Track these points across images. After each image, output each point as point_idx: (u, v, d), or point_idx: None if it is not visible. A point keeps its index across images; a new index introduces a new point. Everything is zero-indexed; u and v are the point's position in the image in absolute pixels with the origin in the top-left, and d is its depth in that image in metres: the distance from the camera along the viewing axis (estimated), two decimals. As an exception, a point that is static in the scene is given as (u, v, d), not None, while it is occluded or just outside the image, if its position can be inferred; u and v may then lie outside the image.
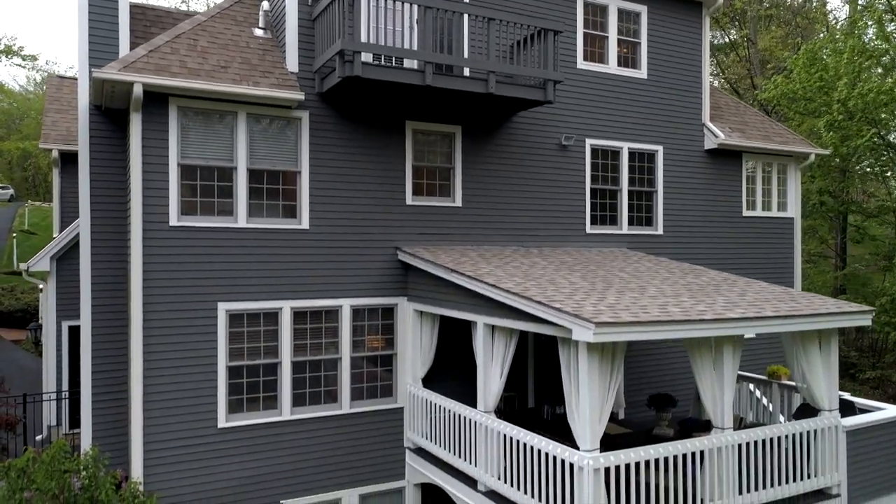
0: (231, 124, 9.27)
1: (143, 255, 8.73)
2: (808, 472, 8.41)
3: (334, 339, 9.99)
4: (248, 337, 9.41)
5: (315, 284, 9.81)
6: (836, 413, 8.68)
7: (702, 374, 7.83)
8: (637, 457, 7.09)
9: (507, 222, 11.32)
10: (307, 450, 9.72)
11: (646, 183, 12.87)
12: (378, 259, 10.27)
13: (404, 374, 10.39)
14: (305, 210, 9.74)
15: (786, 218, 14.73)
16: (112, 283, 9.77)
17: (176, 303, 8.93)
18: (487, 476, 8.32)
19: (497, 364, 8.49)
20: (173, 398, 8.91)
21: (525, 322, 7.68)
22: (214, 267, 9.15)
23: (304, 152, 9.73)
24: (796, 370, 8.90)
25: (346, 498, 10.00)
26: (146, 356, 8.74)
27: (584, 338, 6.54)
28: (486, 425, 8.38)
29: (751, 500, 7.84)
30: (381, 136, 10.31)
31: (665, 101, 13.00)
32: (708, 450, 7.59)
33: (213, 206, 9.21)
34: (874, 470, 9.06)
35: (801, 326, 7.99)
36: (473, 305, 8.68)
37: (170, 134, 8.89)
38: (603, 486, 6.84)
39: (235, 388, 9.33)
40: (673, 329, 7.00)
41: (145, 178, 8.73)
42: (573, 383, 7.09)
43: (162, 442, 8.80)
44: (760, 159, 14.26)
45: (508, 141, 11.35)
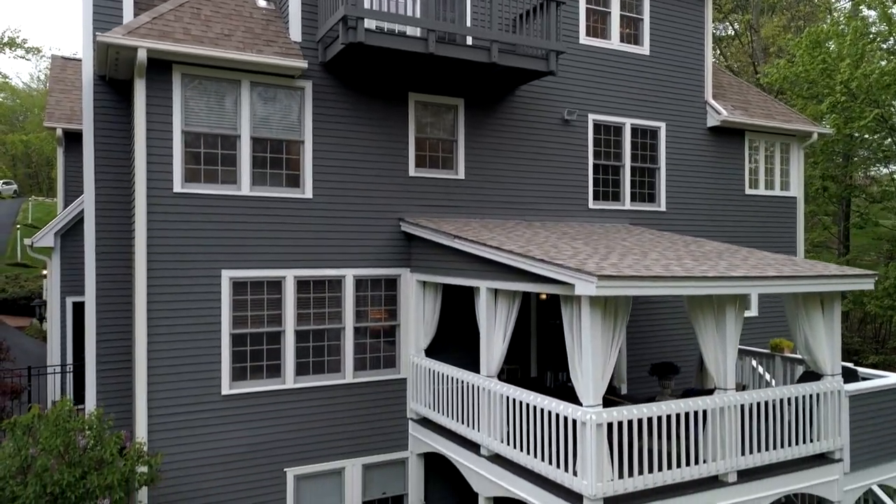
0: (234, 93, 9.30)
1: (147, 222, 8.76)
2: (810, 436, 8.43)
3: (337, 309, 10.02)
4: (251, 305, 9.44)
5: (318, 254, 9.84)
6: (839, 378, 8.69)
7: (704, 336, 7.84)
8: (640, 413, 7.11)
9: (510, 196, 11.34)
10: (311, 418, 9.75)
11: (648, 159, 12.88)
12: (381, 230, 10.30)
13: (407, 345, 10.41)
14: (308, 179, 9.76)
15: (789, 197, 14.73)
16: (116, 252, 9.82)
17: (180, 270, 8.97)
18: (491, 440, 8.35)
19: (500, 328, 8.51)
20: (177, 364, 8.94)
21: (528, 283, 7.70)
22: (218, 234, 9.18)
23: (308, 122, 9.76)
24: (799, 336, 8.90)
25: (349, 467, 10.02)
26: (150, 322, 8.77)
27: (587, 291, 6.56)
28: (489, 389, 8.40)
29: (753, 462, 7.86)
30: (383, 107, 10.34)
31: (667, 78, 13.01)
32: (710, 409, 7.60)
33: (216, 173, 9.24)
34: (877, 436, 9.06)
35: (804, 288, 8.00)
36: (476, 271, 8.70)
37: (173, 101, 8.92)
38: (606, 442, 6.86)
39: (239, 356, 9.36)
40: (675, 285, 7.01)
41: (149, 145, 8.76)
42: (576, 341, 7.11)
43: (166, 408, 8.84)
44: (763, 138, 14.26)
45: (511, 114, 11.37)
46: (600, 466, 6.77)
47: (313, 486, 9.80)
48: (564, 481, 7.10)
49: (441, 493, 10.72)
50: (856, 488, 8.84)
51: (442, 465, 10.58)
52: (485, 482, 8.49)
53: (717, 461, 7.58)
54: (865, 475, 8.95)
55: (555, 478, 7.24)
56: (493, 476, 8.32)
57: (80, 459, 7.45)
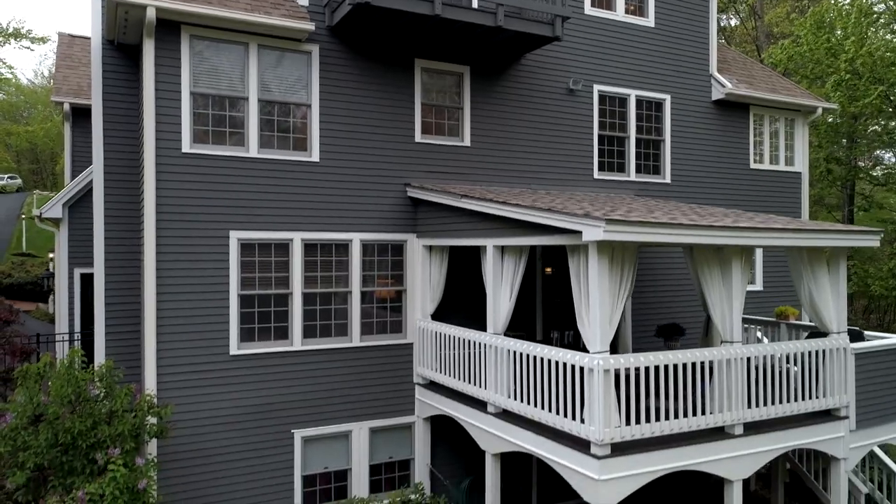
0: (242, 55, 9.36)
1: (157, 181, 8.82)
2: (816, 393, 8.46)
3: (344, 273, 10.08)
4: (259, 267, 9.50)
5: (325, 217, 9.89)
6: (845, 336, 8.72)
7: (710, 290, 7.87)
8: (647, 361, 7.15)
9: (515, 164, 11.38)
10: (318, 381, 9.81)
11: (654, 131, 12.91)
12: (387, 195, 10.35)
13: (413, 310, 10.46)
14: (316, 143, 9.82)
15: (793, 172, 14.75)
16: (125, 216, 9.88)
17: (188, 230, 9.03)
18: (498, 396, 8.39)
19: (506, 286, 8.56)
20: (185, 324, 9.00)
21: (534, 236, 7.74)
22: (226, 195, 9.24)
23: (315, 86, 9.81)
24: (804, 295, 8.93)
25: (356, 431, 10.08)
26: (159, 282, 8.83)
27: (594, 236, 6.59)
28: (496, 346, 8.45)
29: (759, 415, 7.90)
30: (390, 72, 10.39)
31: (672, 51, 13.04)
32: (717, 361, 7.64)
33: (224, 135, 9.30)
34: (883, 395, 9.09)
35: (809, 241, 8.02)
36: (483, 229, 8.75)
37: (182, 62, 8.98)
38: (613, 389, 6.90)
39: (247, 317, 9.42)
40: (682, 232, 7.04)
41: (158, 105, 8.83)
42: (583, 291, 7.15)
43: (175, 366, 8.90)
44: (768, 112, 14.28)
45: (517, 83, 11.41)
46: (607, 413, 6.81)
47: (320, 448, 9.86)
48: (572, 430, 7.15)
49: (447, 458, 10.76)
50: (861, 446, 8.87)
51: (448, 430, 10.63)
52: (492, 439, 8.54)
53: (724, 413, 7.62)
54: (871, 434, 8.98)
55: (562, 427, 7.29)
56: (500, 432, 8.37)
57: (92, 410, 7.52)
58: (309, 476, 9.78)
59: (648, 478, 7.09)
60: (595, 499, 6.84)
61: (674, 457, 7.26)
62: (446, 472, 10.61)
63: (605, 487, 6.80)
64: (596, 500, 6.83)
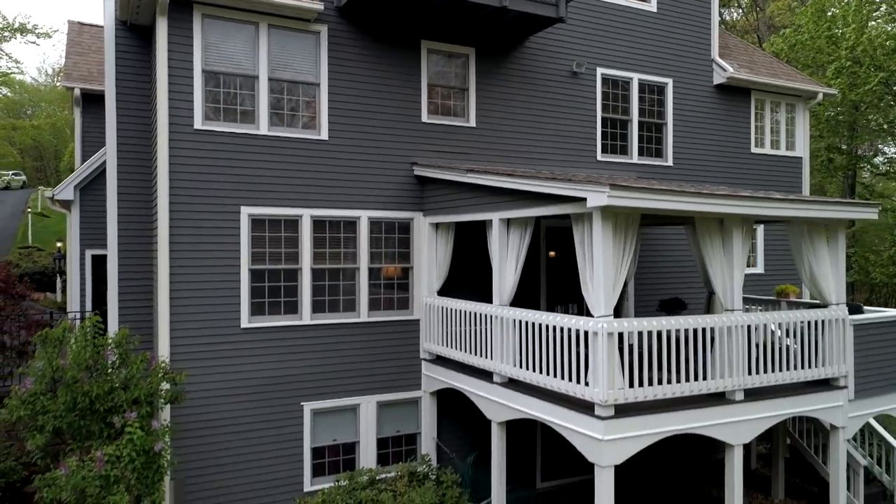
0: (253, 34, 9.55)
1: (170, 157, 9.01)
2: (815, 362, 8.63)
3: (353, 250, 10.27)
4: (269, 242, 9.69)
5: (334, 195, 10.08)
6: (843, 307, 8.90)
7: (712, 259, 8.05)
8: (650, 326, 7.33)
9: (520, 145, 11.57)
10: (326, 355, 10.00)
11: (656, 115, 13.09)
12: (395, 174, 10.54)
13: (420, 286, 10.65)
14: (324, 121, 10.01)
15: (794, 157, 14.91)
16: (137, 195, 10.11)
17: (200, 205, 9.22)
18: (504, 366, 8.58)
19: (512, 258, 8.74)
20: (198, 297, 9.20)
21: (539, 206, 7.92)
22: (237, 171, 9.43)
23: (323, 65, 10.00)
24: (804, 268, 9.11)
25: (364, 404, 10.27)
26: (172, 256, 9.02)
27: (598, 202, 6.77)
28: (502, 316, 8.63)
29: (759, 381, 8.08)
30: (397, 53, 10.57)
31: (674, 35, 13.21)
32: (718, 328, 7.82)
33: (235, 113, 9.50)
34: (881, 366, 9.27)
35: (808, 212, 8.20)
36: (489, 203, 8.94)
37: (194, 41, 9.17)
38: (616, 352, 7.09)
39: (258, 291, 9.62)
40: (683, 199, 7.22)
41: (171, 82, 9.02)
42: (587, 257, 7.33)
43: (187, 338, 9.09)
44: (769, 97, 14.44)
45: (522, 65, 11.60)
46: (611, 375, 7.00)
47: (329, 420, 10.05)
48: (577, 393, 7.33)
49: (452, 434, 10.95)
50: (860, 416, 9.05)
51: (453, 406, 10.83)
52: (498, 408, 8.73)
53: (725, 378, 7.80)
54: (869, 404, 9.16)
55: (566, 390, 7.47)
56: (506, 400, 8.55)
57: (109, 375, 7.73)
58: (318, 448, 9.98)
59: (651, 439, 7.27)
60: (599, 459, 7.02)
61: (676, 420, 7.44)
62: (452, 446, 10.81)
63: (608, 447, 6.98)
64: (599, 460, 7.01)
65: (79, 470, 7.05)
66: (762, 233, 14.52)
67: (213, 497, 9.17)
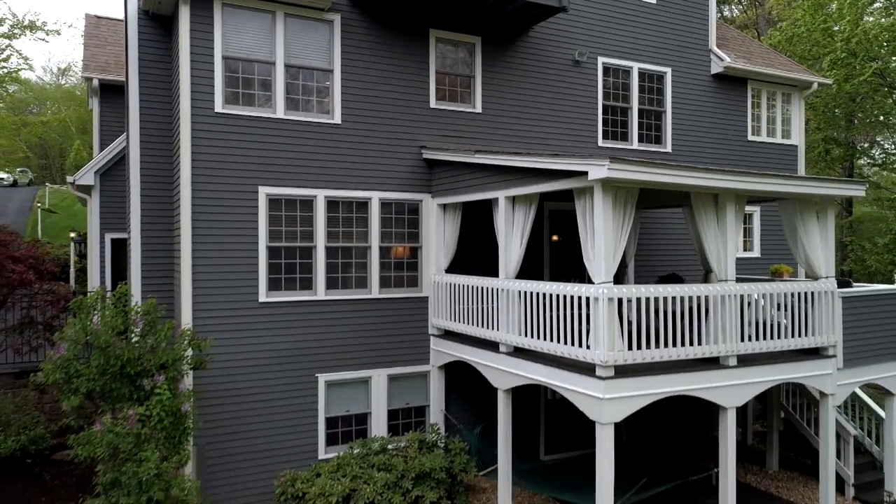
0: (270, 22, 10.02)
1: (192, 139, 9.48)
2: (806, 331, 9.08)
3: (364, 229, 10.74)
4: (285, 221, 10.17)
5: (347, 176, 10.55)
6: (833, 280, 9.35)
7: (707, 232, 8.51)
8: (647, 293, 7.79)
9: (524, 130, 12.03)
10: (340, 329, 10.47)
11: (655, 103, 13.54)
12: (404, 157, 11.00)
13: (428, 265, 11.12)
14: (338, 106, 10.48)
15: (790, 145, 15.36)
16: (158, 177, 10.57)
17: (221, 184, 9.69)
18: (510, 335, 9.04)
19: (517, 234, 9.20)
20: (218, 272, 9.67)
21: (543, 182, 8.38)
22: (255, 153, 9.90)
23: (336, 52, 10.47)
24: (796, 244, 9.55)
25: (375, 377, 10.74)
26: (195, 233, 9.49)
27: (599, 175, 7.23)
28: (507, 288, 9.09)
29: (752, 348, 8.54)
30: (406, 41, 11.04)
31: (673, 25, 13.67)
32: (713, 296, 8.28)
33: (253, 97, 9.97)
34: (868, 337, 9.72)
35: (799, 188, 8.66)
36: (495, 182, 9.39)
37: (215, 28, 9.65)
38: (616, 317, 7.54)
39: (274, 268, 10.09)
40: (680, 174, 7.68)
41: (193, 68, 9.50)
42: (588, 229, 7.79)
43: (209, 311, 9.56)
44: (765, 87, 14.89)
45: (526, 54, 12.06)
46: (611, 338, 7.46)
47: (342, 392, 10.53)
48: (579, 356, 7.79)
49: (459, 408, 11.42)
50: (848, 384, 9.51)
51: (460, 381, 11.30)
52: (504, 376, 9.19)
53: (719, 344, 8.26)
54: (857, 373, 9.62)
55: (569, 354, 7.93)
56: (511, 368, 9.01)
57: (138, 340, 8.20)
58: (332, 418, 10.46)
59: (648, 399, 7.73)
60: (599, 417, 7.48)
61: (672, 382, 7.90)
62: (459, 419, 11.27)
63: (608, 406, 7.45)
64: (600, 418, 7.48)
65: (113, 427, 7.53)
66: (759, 219, 14.97)
67: (231, 463, 9.64)
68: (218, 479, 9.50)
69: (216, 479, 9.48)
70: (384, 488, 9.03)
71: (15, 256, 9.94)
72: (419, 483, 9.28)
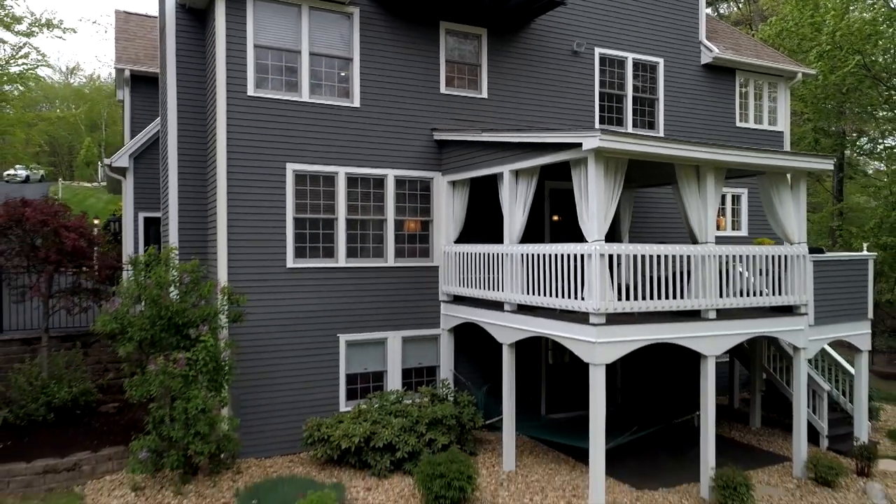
0: (296, 15, 11.08)
1: (227, 120, 10.53)
2: (780, 290, 10.11)
3: (381, 204, 11.79)
4: (310, 195, 11.22)
5: (365, 155, 11.60)
6: (805, 245, 10.37)
7: (689, 200, 9.53)
8: (636, 250, 8.83)
9: (526, 115, 13.07)
10: (359, 294, 11.52)
11: (648, 91, 14.57)
12: (417, 138, 12.05)
13: (439, 237, 12.16)
14: (357, 91, 11.53)
15: (776, 131, 16.36)
16: (192, 157, 11.62)
17: (252, 161, 10.75)
18: (513, 294, 10.07)
19: (520, 204, 10.23)
20: (251, 241, 10.73)
21: (543, 155, 9.42)
22: (283, 132, 10.96)
23: (356, 42, 11.53)
24: (772, 214, 10.55)
25: (391, 338, 11.79)
26: (230, 205, 10.54)
27: (592, 145, 8.26)
28: (511, 252, 10.13)
29: (730, 303, 9.56)
30: (418, 32, 12.09)
31: (666, 18, 14.69)
32: (694, 256, 9.30)
33: (281, 82, 11.02)
34: (836, 298, 10.74)
35: (769, 161, 9.68)
36: (499, 158, 10.43)
37: (247, 20, 10.70)
38: (608, 272, 8.57)
39: (300, 237, 11.14)
40: (665, 147, 8.71)
41: (228, 54, 10.55)
42: (583, 194, 8.82)
43: (242, 275, 10.60)
44: (752, 77, 15.90)
45: (528, 44, 13.10)
46: (602, 290, 8.49)
47: (361, 351, 11.58)
48: (574, 307, 8.82)
49: (467, 369, 12.45)
50: (818, 339, 10.53)
51: (468, 343, 12.34)
52: (508, 331, 10.22)
53: (700, 298, 9.28)
54: (826, 330, 10.64)
55: (566, 306, 8.96)
56: (515, 324, 10.05)
57: (184, 295, 9.27)
58: (351, 374, 11.51)
59: (636, 345, 8.75)
60: (592, 359, 8.51)
61: (657, 331, 8.93)
62: (466, 379, 12.31)
63: (600, 349, 8.48)
64: (593, 360, 8.50)
65: (165, 367, 8.61)
66: (746, 200, 15.97)
67: (260, 413, 10.69)
68: (251, 425, 10.55)
69: (249, 425, 10.52)
70: (401, 431, 10.07)
71: (67, 225, 10.99)
72: (432, 428, 10.32)
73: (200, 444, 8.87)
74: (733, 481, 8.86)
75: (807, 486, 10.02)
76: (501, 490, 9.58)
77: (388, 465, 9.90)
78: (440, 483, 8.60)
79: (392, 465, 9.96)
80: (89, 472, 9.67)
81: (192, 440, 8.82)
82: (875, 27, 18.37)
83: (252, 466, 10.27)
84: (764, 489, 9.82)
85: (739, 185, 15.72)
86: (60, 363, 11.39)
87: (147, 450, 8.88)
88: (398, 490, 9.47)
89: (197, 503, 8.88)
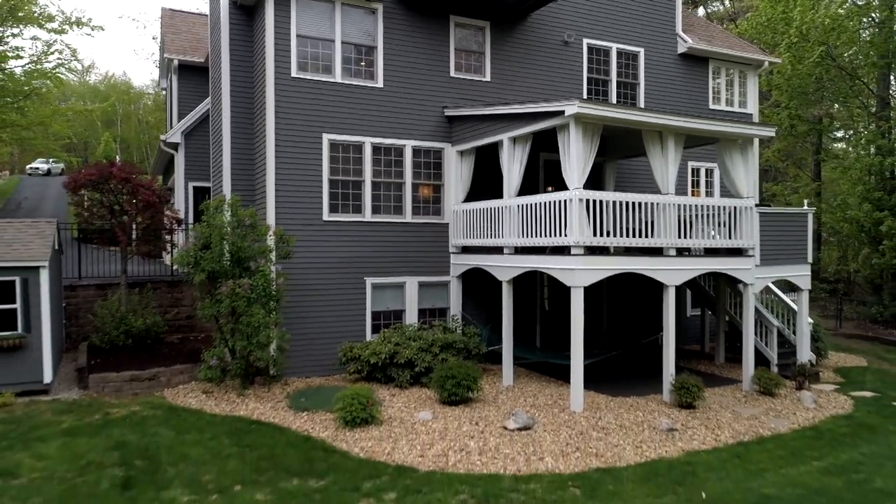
0: (331, 9, 13.30)
1: (275, 97, 12.76)
2: (731, 235, 12.29)
3: (400, 169, 14.00)
4: (342, 161, 13.43)
5: (387, 127, 13.81)
6: (752, 199, 12.55)
7: (654, 160, 11.71)
8: (610, 197, 11.02)
9: (523, 96, 15.25)
10: (382, 244, 13.73)
11: (630, 76, 16.74)
12: (430, 114, 14.25)
13: (449, 198, 14.37)
14: (380, 73, 13.75)
15: (745, 113, 18.52)
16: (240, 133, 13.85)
17: (295, 131, 12.96)
18: (512, 239, 12.26)
19: (517, 165, 12.42)
20: (294, 197, 12.94)
21: (535, 123, 11.60)
22: (320, 108, 13.17)
23: (380, 33, 13.74)
24: (727, 173, 12.71)
25: (409, 283, 14.00)
26: (277, 167, 12.76)
27: (572, 111, 10.45)
28: (509, 204, 12.32)
29: (689, 245, 11.74)
30: (432, 25, 14.29)
31: (646, 12, 16.86)
32: (658, 203, 11.48)
33: (318, 66, 13.25)
34: (778, 245, 12.91)
35: (719, 128, 11.87)
36: (500, 127, 12.62)
37: (291, 14, 12.92)
38: (585, 214, 10.76)
39: (334, 196, 13.35)
40: (631, 113, 10.91)
41: (276, 42, 12.78)
42: (567, 152, 11.01)
43: (286, 225, 12.81)
44: (724, 66, 18.06)
45: (525, 35, 15.29)
46: (581, 227, 10.67)
47: (384, 292, 13.79)
48: (559, 242, 11.00)
49: (473, 311, 14.65)
50: (763, 277, 12.71)
51: (473, 290, 14.53)
52: (506, 270, 12.42)
53: (662, 238, 11.46)
54: (770, 270, 12.82)
55: (553, 243, 11.14)
56: (511, 263, 12.24)
57: (245, 234, 11.50)
58: (376, 312, 13.72)
59: (608, 273, 10.93)
60: (573, 282, 10.70)
61: (626, 262, 11.12)
62: (472, 318, 14.52)
63: (579, 274, 10.67)
64: (573, 283, 10.70)
65: (234, 289, 10.84)
66: (718, 174, 18.11)
67: (302, 340, 12.89)
68: (294, 350, 12.74)
69: (293, 350, 12.71)
70: (419, 351, 12.28)
71: (142, 184, 13.23)
72: (444, 350, 12.52)
73: (259, 352, 11.10)
74: (687, 382, 11.05)
75: (752, 396, 12.21)
76: (501, 395, 11.80)
77: (409, 378, 12.12)
78: (451, 382, 10.82)
79: (412, 378, 12.18)
80: (165, 382, 11.90)
81: (253, 348, 11.05)
82: (838, 21, 20.47)
83: (296, 382, 12.50)
84: (717, 398, 11.99)
85: (711, 160, 17.87)
86: (134, 300, 13.65)
87: (216, 358, 11.10)
88: (417, 396, 11.69)
89: (256, 401, 11.11)
